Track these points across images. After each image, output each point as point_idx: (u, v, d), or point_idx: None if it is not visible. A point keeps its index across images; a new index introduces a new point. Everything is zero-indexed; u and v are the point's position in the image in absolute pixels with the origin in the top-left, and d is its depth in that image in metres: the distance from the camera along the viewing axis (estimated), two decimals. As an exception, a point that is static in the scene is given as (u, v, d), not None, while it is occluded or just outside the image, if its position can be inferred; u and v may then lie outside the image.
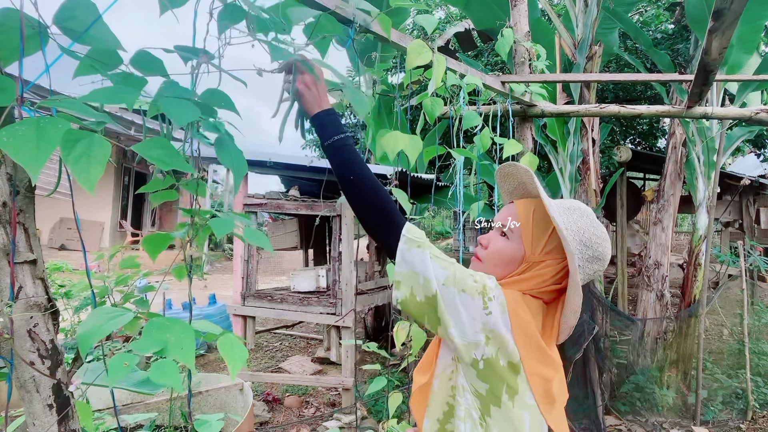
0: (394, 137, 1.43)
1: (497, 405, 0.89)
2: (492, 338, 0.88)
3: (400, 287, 0.92)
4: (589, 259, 0.97)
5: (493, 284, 0.91)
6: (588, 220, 0.99)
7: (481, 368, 0.88)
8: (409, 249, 0.92)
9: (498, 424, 0.89)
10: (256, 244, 1.02)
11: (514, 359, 0.88)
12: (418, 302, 0.91)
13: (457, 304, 0.88)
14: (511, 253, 1.00)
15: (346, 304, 4.28)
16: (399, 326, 1.75)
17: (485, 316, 0.88)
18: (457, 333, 0.89)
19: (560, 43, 4.75)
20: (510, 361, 0.88)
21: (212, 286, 8.74)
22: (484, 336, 0.88)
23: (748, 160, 14.57)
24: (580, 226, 0.97)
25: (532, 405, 0.90)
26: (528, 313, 0.92)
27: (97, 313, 0.84)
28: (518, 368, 0.89)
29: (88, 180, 0.66)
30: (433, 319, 0.91)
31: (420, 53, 1.48)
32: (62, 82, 1.26)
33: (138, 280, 1.44)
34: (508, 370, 0.88)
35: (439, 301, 0.89)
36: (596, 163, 4.64)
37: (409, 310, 0.92)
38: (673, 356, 4.70)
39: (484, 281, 0.90)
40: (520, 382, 0.89)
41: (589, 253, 0.97)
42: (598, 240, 0.98)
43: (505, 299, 0.90)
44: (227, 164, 0.94)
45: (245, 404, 2.65)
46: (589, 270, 0.98)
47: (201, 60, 0.92)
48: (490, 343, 0.88)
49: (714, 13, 1.50)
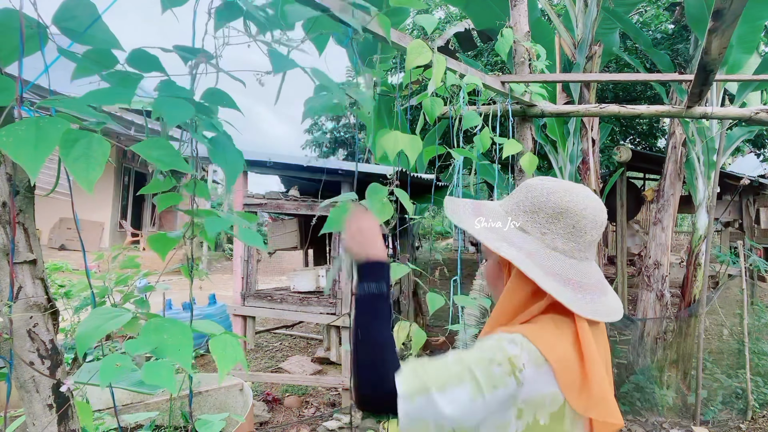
0: (394, 137, 1.43)
1: None
2: (525, 408, 0.80)
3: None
4: (549, 219, 0.86)
5: (517, 350, 0.80)
6: (532, 186, 0.91)
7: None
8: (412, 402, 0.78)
9: None
10: (250, 245, 1.02)
11: (556, 407, 0.81)
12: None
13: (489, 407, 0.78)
14: (491, 267, 0.97)
15: (346, 304, 4.28)
16: (399, 326, 1.75)
17: (517, 390, 0.78)
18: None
19: (560, 43, 4.75)
20: (552, 412, 0.81)
21: (212, 287, 8.75)
22: (516, 411, 0.80)
23: (748, 160, 14.57)
24: (522, 198, 0.90)
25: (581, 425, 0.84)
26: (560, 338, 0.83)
27: (96, 313, 0.84)
28: (562, 412, 0.81)
29: (87, 180, 0.66)
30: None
31: (420, 53, 1.48)
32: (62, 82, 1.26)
33: (138, 280, 1.44)
34: (552, 421, 0.81)
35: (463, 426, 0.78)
36: (596, 163, 4.64)
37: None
38: (673, 356, 4.70)
39: (508, 355, 0.79)
40: (566, 422, 0.82)
41: (543, 215, 0.87)
42: (544, 197, 0.88)
43: (537, 351, 0.80)
44: (220, 163, 0.93)
45: (245, 404, 2.65)
46: (558, 229, 0.86)
47: (200, 60, 0.92)
48: (523, 415, 0.80)
49: (714, 13, 1.50)
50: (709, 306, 4.77)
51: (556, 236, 0.86)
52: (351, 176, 4.32)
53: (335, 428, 3.93)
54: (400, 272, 1.62)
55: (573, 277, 0.86)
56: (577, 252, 0.87)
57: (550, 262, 0.85)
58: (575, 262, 0.87)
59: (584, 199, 0.88)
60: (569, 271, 0.86)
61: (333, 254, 4.51)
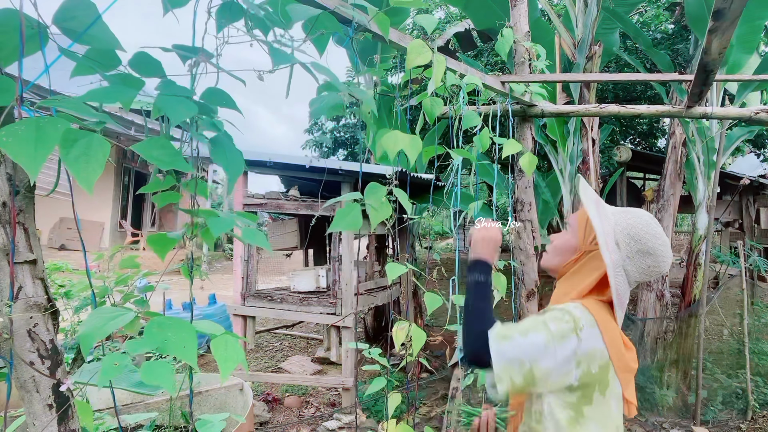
0: (394, 137, 1.43)
1: (590, 404, 1.05)
2: (582, 360, 1.04)
3: (502, 381, 1.04)
4: (639, 253, 1.12)
5: (579, 313, 1.07)
6: (641, 220, 1.14)
7: (576, 386, 1.05)
8: (499, 345, 1.05)
9: (594, 419, 1.05)
10: (255, 244, 1.02)
11: (603, 361, 1.05)
12: (518, 385, 1.04)
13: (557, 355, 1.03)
14: (568, 242, 1.22)
15: (346, 304, 4.28)
16: (398, 326, 1.75)
17: (578, 345, 1.03)
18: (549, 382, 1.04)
19: (560, 43, 4.75)
20: (600, 364, 1.05)
21: (212, 287, 8.74)
22: (576, 362, 1.03)
23: (748, 160, 14.57)
24: (630, 223, 1.13)
25: (619, 392, 1.08)
26: (610, 318, 1.10)
27: (97, 313, 0.84)
28: (608, 366, 1.06)
29: (87, 180, 0.66)
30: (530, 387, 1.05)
31: (420, 53, 1.48)
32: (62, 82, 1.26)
33: (138, 280, 1.43)
34: (600, 372, 1.05)
35: (535, 371, 1.03)
36: (596, 163, 4.64)
37: (512, 394, 1.11)
38: (673, 356, 4.70)
39: (573, 315, 1.06)
40: (610, 377, 1.06)
41: (637, 247, 1.11)
42: (647, 236, 1.12)
43: (591, 317, 1.07)
44: (221, 163, 0.93)
45: (245, 404, 2.65)
46: (640, 263, 1.12)
47: (200, 59, 0.92)
48: (581, 365, 1.04)
49: (714, 13, 1.50)
50: (709, 306, 4.77)
51: (634, 266, 1.13)
52: (351, 176, 4.32)
53: (335, 428, 3.93)
54: (397, 272, 1.62)
55: (623, 296, 1.13)
56: (633, 282, 1.15)
57: (619, 279, 1.12)
58: (628, 287, 1.15)
59: (669, 258, 1.14)
60: (624, 291, 1.13)
61: (333, 254, 4.51)
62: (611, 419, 1.07)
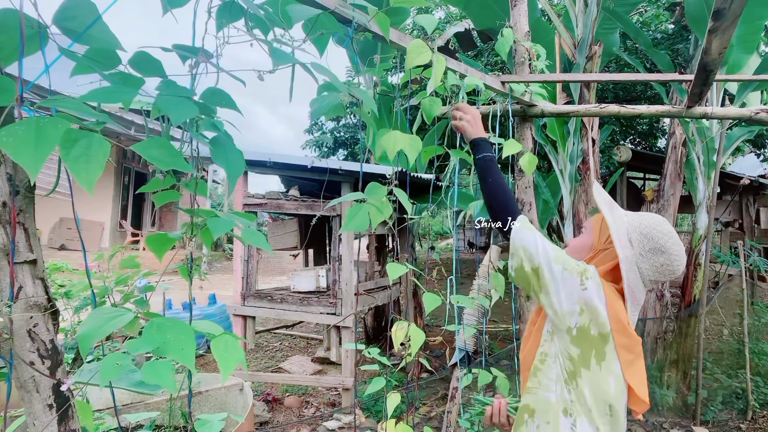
0: (394, 137, 1.43)
1: (587, 368, 1.09)
2: (586, 309, 1.09)
3: (514, 257, 1.19)
4: (651, 250, 1.16)
5: (592, 270, 1.14)
6: (653, 219, 1.19)
7: (575, 335, 1.10)
8: (521, 229, 1.20)
9: (588, 384, 1.09)
10: (255, 245, 1.02)
11: (604, 330, 1.09)
12: (526, 271, 1.15)
13: (558, 278, 1.11)
14: (583, 242, 1.29)
15: (346, 304, 4.28)
16: (397, 326, 1.75)
17: (581, 291, 1.10)
18: (556, 300, 1.11)
19: (560, 43, 4.75)
20: (600, 332, 1.09)
21: (212, 287, 8.74)
22: (579, 307, 1.09)
23: (748, 160, 14.57)
24: (642, 223, 1.19)
25: (618, 374, 1.09)
26: (618, 299, 1.14)
27: (97, 313, 0.84)
28: (607, 338, 1.09)
29: (87, 180, 0.66)
30: (537, 285, 1.15)
31: (420, 53, 1.48)
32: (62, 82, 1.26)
33: (138, 280, 1.44)
34: (599, 339, 1.09)
35: (543, 271, 1.13)
36: (596, 163, 4.64)
37: (518, 276, 1.18)
38: (673, 356, 4.70)
39: (585, 266, 1.15)
40: (608, 350, 1.09)
41: (650, 245, 1.16)
42: (659, 234, 1.16)
43: (600, 281, 1.12)
44: (222, 163, 0.94)
45: (245, 404, 2.65)
46: (654, 261, 1.16)
47: (200, 59, 0.92)
48: (584, 313, 1.09)
49: (714, 13, 1.50)
50: (709, 306, 4.77)
51: (647, 263, 1.16)
52: (351, 176, 4.32)
53: (335, 428, 3.93)
54: (398, 272, 1.62)
55: (636, 292, 1.17)
56: (648, 281, 1.19)
57: (631, 274, 1.16)
58: (643, 287, 1.19)
59: (682, 258, 1.18)
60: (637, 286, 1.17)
61: (333, 254, 4.51)
62: (605, 395, 1.09)
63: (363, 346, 2.01)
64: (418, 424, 3.86)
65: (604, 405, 1.09)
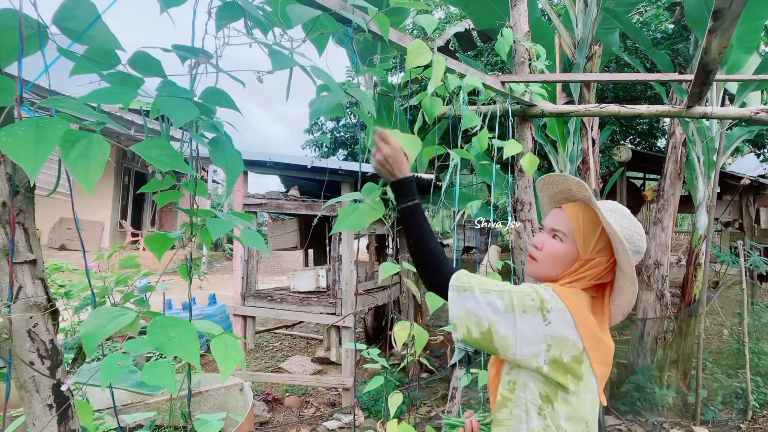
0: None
1: (564, 391, 1.02)
2: (553, 344, 1.00)
3: (457, 329, 1.06)
4: (633, 254, 1.10)
5: (549, 295, 1.03)
6: (629, 220, 1.13)
7: (546, 371, 1.01)
8: (458, 294, 1.06)
9: (565, 406, 1.02)
10: (253, 246, 1.02)
11: (577, 352, 1.01)
12: (475, 338, 1.04)
13: (518, 326, 1.01)
14: (566, 254, 1.13)
15: (346, 304, 4.28)
16: (399, 326, 1.75)
17: (545, 327, 1.00)
18: (518, 351, 1.01)
19: (560, 43, 4.74)
20: (573, 355, 1.01)
21: (212, 287, 8.74)
22: (546, 344, 1.00)
23: (748, 160, 14.57)
24: (624, 226, 1.11)
25: (594, 388, 1.04)
26: (586, 308, 1.06)
27: (99, 312, 0.84)
28: (581, 359, 1.01)
29: (87, 180, 0.66)
30: (491, 348, 1.04)
31: (420, 53, 1.48)
32: (62, 82, 1.26)
33: (138, 280, 1.43)
34: (573, 362, 1.01)
35: (497, 329, 1.02)
36: (596, 163, 4.64)
37: (469, 344, 1.07)
38: (673, 356, 4.70)
39: (541, 296, 1.02)
40: (584, 369, 1.02)
41: (632, 249, 1.10)
42: (637, 236, 1.12)
43: (564, 304, 1.02)
44: (221, 164, 0.94)
45: (245, 404, 2.65)
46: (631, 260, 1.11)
47: (200, 60, 0.92)
48: (552, 348, 1.00)
49: (714, 13, 1.50)
50: (709, 306, 4.77)
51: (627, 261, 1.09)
52: (351, 176, 4.32)
53: (335, 428, 3.93)
54: (390, 271, 1.62)
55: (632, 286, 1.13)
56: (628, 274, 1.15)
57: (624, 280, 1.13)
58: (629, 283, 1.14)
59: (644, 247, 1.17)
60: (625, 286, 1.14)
61: (333, 254, 4.51)
62: (582, 414, 1.04)
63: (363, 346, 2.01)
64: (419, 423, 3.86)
65: (581, 422, 1.04)
